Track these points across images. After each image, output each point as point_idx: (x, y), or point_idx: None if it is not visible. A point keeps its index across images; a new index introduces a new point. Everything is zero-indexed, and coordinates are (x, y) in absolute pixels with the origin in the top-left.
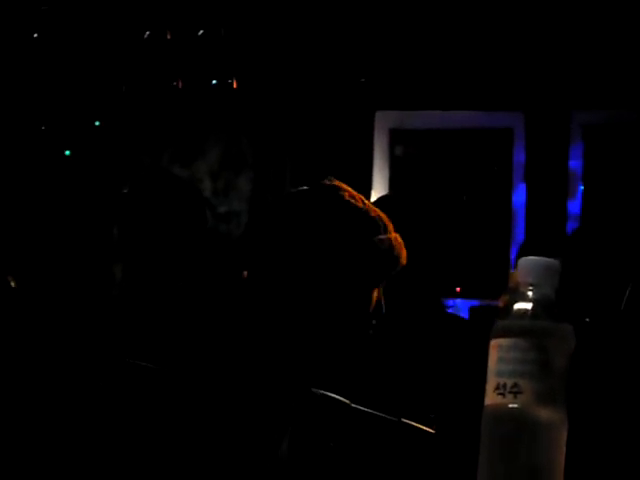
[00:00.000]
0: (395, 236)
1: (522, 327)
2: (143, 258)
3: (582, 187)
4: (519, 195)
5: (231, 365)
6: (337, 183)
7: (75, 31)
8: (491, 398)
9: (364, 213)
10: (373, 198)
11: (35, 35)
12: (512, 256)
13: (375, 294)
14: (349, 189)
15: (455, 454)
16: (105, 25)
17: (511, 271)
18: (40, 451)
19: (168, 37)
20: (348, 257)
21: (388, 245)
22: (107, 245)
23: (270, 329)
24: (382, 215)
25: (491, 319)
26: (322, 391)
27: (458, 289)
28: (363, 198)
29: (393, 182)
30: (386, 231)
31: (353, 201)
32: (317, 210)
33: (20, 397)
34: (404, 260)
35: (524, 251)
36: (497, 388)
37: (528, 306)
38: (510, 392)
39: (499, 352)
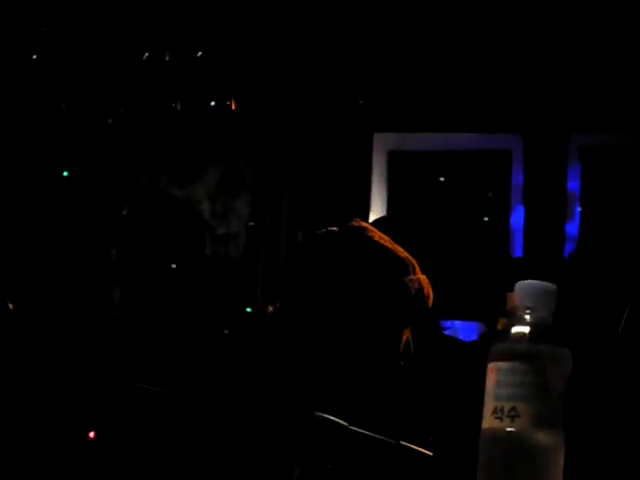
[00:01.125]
0: (424, 277)
1: (520, 351)
2: (142, 280)
3: (580, 209)
4: (517, 217)
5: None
6: (364, 224)
7: (74, 52)
8: (489, 421)
9: (393, 254)
10: (371, 219)
11: (34, 56)
12: (510, 278)
13: (405, 334)
14: (375, 230)
15: (453, 477)
16: (104, 46)
17: (509, 293)
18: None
19: (167, 58)
20: (380, 297)
21: (418, 285)
22: (106, 267)
23: (297, 365)
24: (409, 256)
25: (489, 342)
26: (321, 413)
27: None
28: (390, 240)
29: (391, 204)
30: (414, 271)
31: (382, 242)
32: (349, 252)
33: (21, 415)
34: (431, 300)
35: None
36: (495, 412)
37: (526, 329)
38: (508, 416)
39: (497, 375)
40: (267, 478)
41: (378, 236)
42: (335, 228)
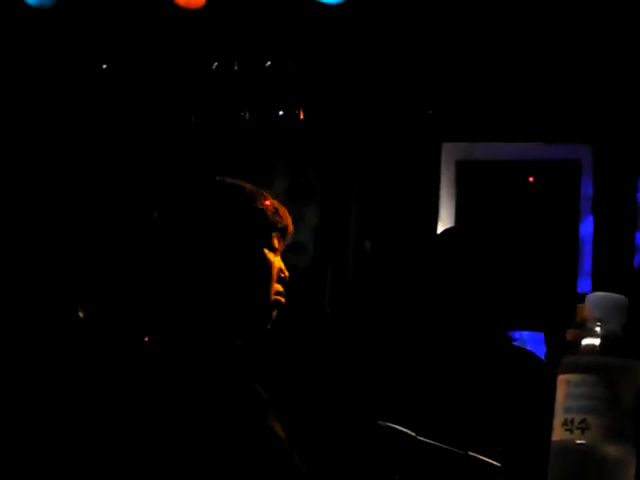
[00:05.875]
0: (275, 201)
1: (590, 363)
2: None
3: None
4: (586, 227)
5: None
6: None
7: (144, 61)
8: (559, 434)
9: (240, 187)
10: (439, 230)
11: (104, 66)
12: (579, 288)
13: (273, 258)
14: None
15: None
16: (174, 56)
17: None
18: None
19: (235, 68)
20: (231, 224)
21: (273, 207)
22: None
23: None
24: (256, 188)
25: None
26: (388, 423)
27: None
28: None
29: (460, 214)
30: (264, 198)
31: (231, 181)
32: (202, 194)
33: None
34: (287, 219)
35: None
36: (565, 424)
37: (596, 342)
38: (578, 428)
39: (567, 388)
40: None
41: (230, 179)
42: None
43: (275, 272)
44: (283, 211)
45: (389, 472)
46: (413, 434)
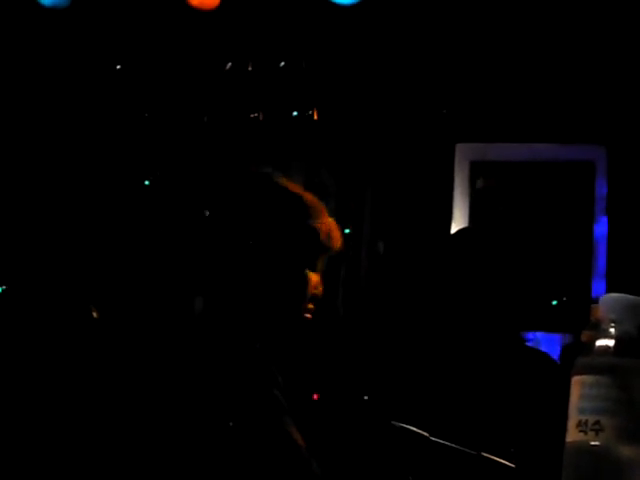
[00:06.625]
0: (332, 220)
1: (605, 364)
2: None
3: None
4: (601, 228)
5: None
6: (269, 170)
7: (158, 61)
8: (573, 435)
9: (300, 198)
10: (453, 230)
11: (118, 66)
12: (594, 289)
13: (313, 277)
14: (283, 177)
15: None
16: (188, 57)
17: (592, 305)
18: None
19: (249, 68)
20: (286, 240)
21: (326, 228)
22: (188, 278)
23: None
24: (318, 201)
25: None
26: (401, 424)
27: None
28: (300, 187)
29: (473, 215)
30: (322, 216)
31: (289, 187)
32: (256, 197)
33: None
34: (339, 243)
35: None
36: (579, 425)
37: (610, 343)
38: (592, 429)
39: (581, 389)
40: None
41: (284, 181)
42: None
43: (310, 291)
44: (336, 233)
45: (402, 473)
46: (426, 435)
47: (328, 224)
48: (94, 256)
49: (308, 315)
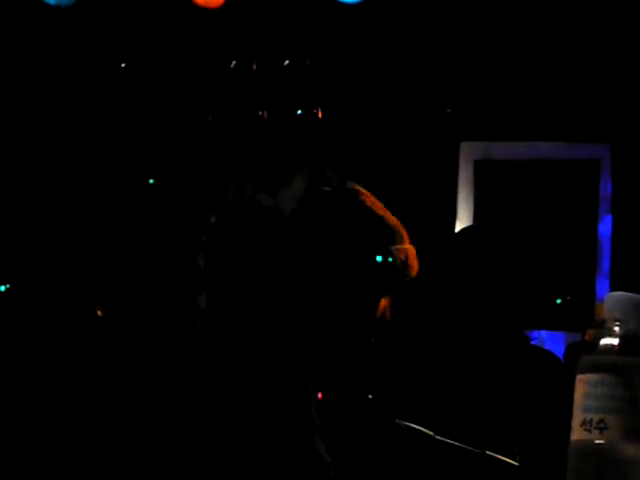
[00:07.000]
0: (411, 248)
1: (609, 363)
2: (230, 287)
3: None
4: (605, 227)
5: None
6: (357, 187)
7: (161, 59)
8: (577, 433)
9: (383, 221)
10: (457, 229)
11: (123, 65)
12: (598, 288)
13: (383, 302)
14: (369, 194)
15: None
16: (192, 55)
17: (597, 303)
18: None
19: (254, 67)
20: (365, 263)
21: (404, 255)
22: (192, 274)
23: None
24: (400, 225)
25: (578, 353)
26: (406, 422)
27: None
28: (383, 206)
29: (478, 213)
30: (402, 241)
31: (374, 207)
32: (339, 215)
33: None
34: (415, 271)
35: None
36: (583, 423)
37: (615, 341)
38: (596, 428)
39: (586, 387)
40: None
41: (370, 201)
42: (328, 189)
43: (378, 315)
44: (413, 262)
45: (407, 471)
46: (431, 433)
47: (406, 251)
48: (98, 255)
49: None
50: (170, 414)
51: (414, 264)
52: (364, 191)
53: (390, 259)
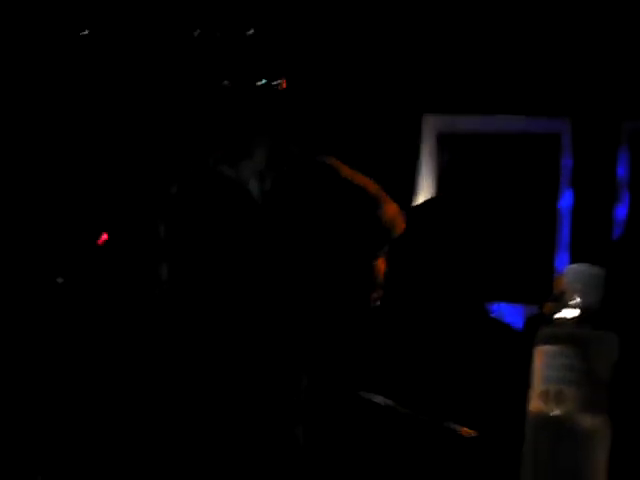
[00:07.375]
0: (394, 206)
1: (567, 335)
2: (191, 259)
3: (628, 193)
4: (565, 200)
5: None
6: (331, 160)
7: (123, 29)
8: (535, 404)
9: (363, 190)
10: (418, 201)
11: (86, 31)
12: (557, 260)
13: (380, 265)
14: (344, 165)
15: (498, 459)
16: (154, 24)
17: (556, 276)
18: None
19: (217, 36)
20: (353, 234)
21: (387, 216)
22: (153, 245)
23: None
24: (378, 188)
25: (536, 326)
26: (367, 393)
27: None
28: (360, 174)
29: (440, 186)
30: (384, 202)
31: (351, 178)
32: (318, 191)
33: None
34: (399, 227)
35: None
36: (541, 395)
37: (573, 314)
38: (553, 399)
39: (544, 359)
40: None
41: (348, 173)
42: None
43: (379, 279)
44: (399, 219)
45: (369, 442)
46: (392, 403)
47: (391, 211)
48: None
49: (377, 303)
50: (141, 400)
51: (400, 222)
52: (339, 163)
53: (377, 224)
